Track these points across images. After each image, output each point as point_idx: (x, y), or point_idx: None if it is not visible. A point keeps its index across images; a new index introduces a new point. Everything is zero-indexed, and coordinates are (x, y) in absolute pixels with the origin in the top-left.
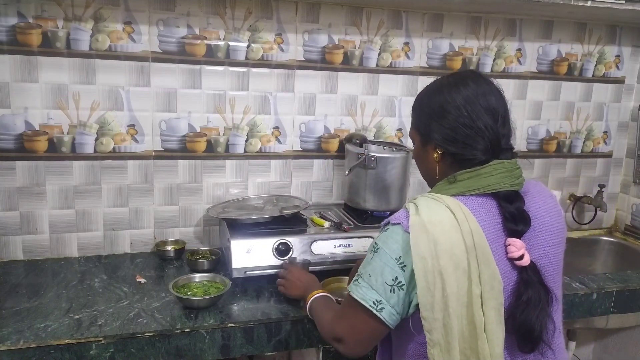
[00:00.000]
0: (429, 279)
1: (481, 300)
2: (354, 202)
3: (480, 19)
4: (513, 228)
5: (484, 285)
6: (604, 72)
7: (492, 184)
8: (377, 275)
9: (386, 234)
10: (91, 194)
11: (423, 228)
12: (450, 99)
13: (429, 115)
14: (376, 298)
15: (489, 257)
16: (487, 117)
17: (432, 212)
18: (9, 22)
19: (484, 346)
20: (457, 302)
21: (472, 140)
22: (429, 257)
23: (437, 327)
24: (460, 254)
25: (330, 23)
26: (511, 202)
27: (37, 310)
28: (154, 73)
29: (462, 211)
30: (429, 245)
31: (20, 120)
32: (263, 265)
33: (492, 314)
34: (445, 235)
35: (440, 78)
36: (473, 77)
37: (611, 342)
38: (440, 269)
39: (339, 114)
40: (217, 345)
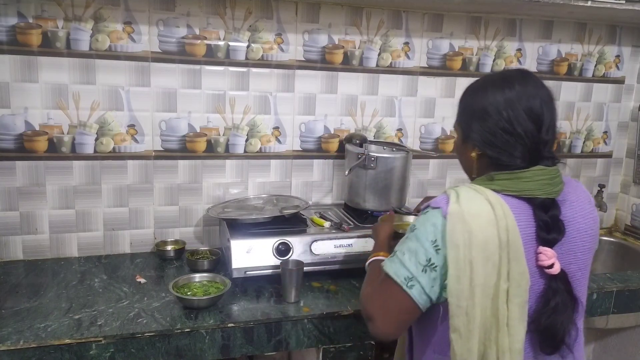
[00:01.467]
0: (459, 267)
1: (507, 295)
2: (354, 202)
3: (480, 19)
4: (545, 237)
5: (512, 281)
6: (604, 72)
7: (531, 189)
8: (412, 255)
9: (425, 216)
10: (91, 194)
11: (461, 218)
12: (493, 100)
13: (471, 114)
14: (407, 275)
15: (521, 256)
16: (529, 122)
17: (472, 203)
18: (9, 22)
19: (504, 339)
20: (482, 294)
21: (511, 146)
22: (462, 247)
23: (460, 314)
24: (492, 248)
25: (330, 23)
26: (547, 210)
27: (37, 310)
28: (154, 73)
29: (502, 208)
30: (464, 235)
31: (20, 120)
32: (263, 265)
33: (515, 310)
34: (481, 228)
35: (488, 75)
36: (520, 79)
37: (611, 342)
38: (471, 259)
39: (339, 114)
40: (217, 345)
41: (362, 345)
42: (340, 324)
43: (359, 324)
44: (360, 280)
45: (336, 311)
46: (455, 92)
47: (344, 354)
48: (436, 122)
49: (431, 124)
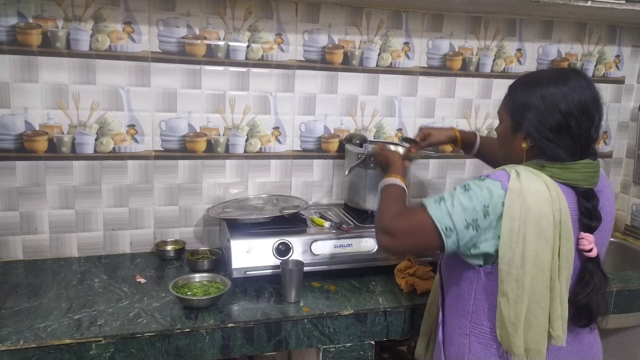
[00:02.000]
0: (512, 238)
1: (559, 270)
2: (354, 202)
3: (480, 19)
4: (588, 223)
5: (562, 258)
6: (604, 72)
7: (578, 179)
8: (462, 210)
9: (483, 182)
10: (91, 194)
11: (520, 193)
12: (550, 94)
13: (526, 106)
14: (449, 226)
15: (570, 235)
16: (585, 120)
17: (531, 183)
18: (9, 22)
19: (557, 307)
20: (533, 265)
21: (564, 140)
22: (518, 220)
23: (510, 280)
24: (546, 226)
25: (330, 23)
26: (589, 199)
27: (37, 310)
28: (154, 73)
29: (556, 190)
30: (521, 210)
31: (20, 120)
32: (263, 265)
33: (564, 283)
34: (537, 205)
35: (542, 70)
36: (575, 76)
37: (611, 342)
38: (525, 232)
39: (339, 114)
40: (217, 345)
41: (362, 345)
42: (340, 324)
43: (359, 324)
44: (360, 280)
45: (336, 311)
46: (455, 92)
47: (344, 354)
48: (436, 122)
49: (431, 124)
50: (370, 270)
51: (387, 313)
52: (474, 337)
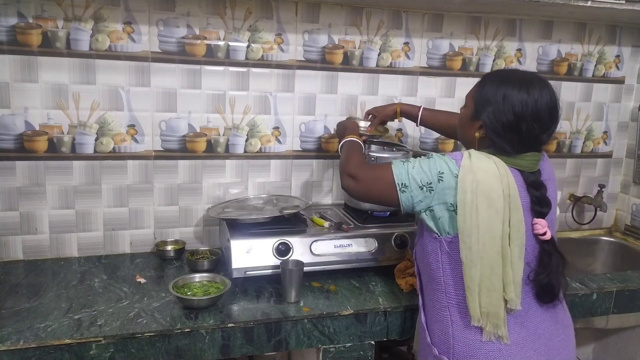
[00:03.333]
0: (466, 209)
1: (509, 238)
2: (353, 202)
3: (480, 19)
4: (539, 210)
5: (512, 227)
6: (604, 72)
7: (523, 165)
8: (419, 173)
9: (443, 156)
10: (91, 194)
11: (471, 170)
12: (511, 96)
13: (488, 100)
14: (405, 182)
15: (519, 207)
16: (536, 126)
17: (480, 161)
18: (9, 22)
19: (509, 272)
20: (485, 233)
21: (512, 138)
22: (469, 192)
23: (464, 247)
24: (496, 198)
25: (330, 23)
26: (537, 189)
27: (37, 310)
28: (154, 73)
29: (505, 169)
30: (472, 184)
31: (20, 120)
32: (263, 265)
33: (516, 250)
34: (487, 180)
35: (516, 71)
36: (539, 86)
37: (611, 342)
38: (477, 203)
39: (339, 114)
40: (217, 345)
41: (362, 345)
42: (340, 324)
43: (359, 324)
44: (360, 280)
45: (336, 311)
46: (455, 92)
47: (344, 354)
48: None
49: None
50: (370, 270)
51: (387, 313)
52: (452, 307)
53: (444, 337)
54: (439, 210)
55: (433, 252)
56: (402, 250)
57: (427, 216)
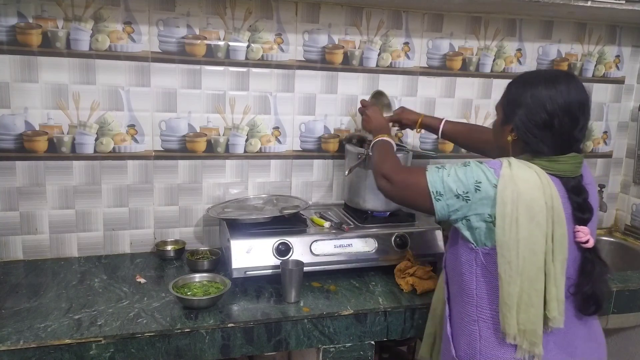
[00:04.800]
0: (505, 221)
1: (552, 254)
2: (353, 202)
3: (480, 19)
4: (581, 217)
5: (555, 242)
6: (604, 72)
7: (565, 170)
8: (455, 181)
9: (481, 165)
10: (91, 194)
11: (511, 180)
12: (539, 95)
13: (517, 103)
14: (440, 191)
15: (562, 220)
16: (568, 121)
17: (522, 171)
18: (9, 22)
19: (552, 289)
20: (526, 247)
21: (547, 137)
22: (510, 204)
23: (503, 262)
24: (538, 210)
25: (330, 23)
26: (578, 194)
27: (37, 310)
28: (154, 73)
29: (547, 179)
30: (513, 195)
31: (20, 120)
32: (263, 265)
33: (559, 266)
34: (528, 191)
35: (539, 71)
36: (566, 81)
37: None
38: (517, 215)
39: (339, 114)
40: (217, 345)
41: (362, 345)
42: (340, 324)
43: (359, 324)
44: (360, 280)
45: (336, 311)
46: (455, 92)
47: (344, 354)
48: None
49: None
50: (370, 270)
51: (387, 313)
52: (482, 322)
53: (470, 351)
54: (475, 220)
55: (467, 262)
56: (402, 250)
57: (463, 226)
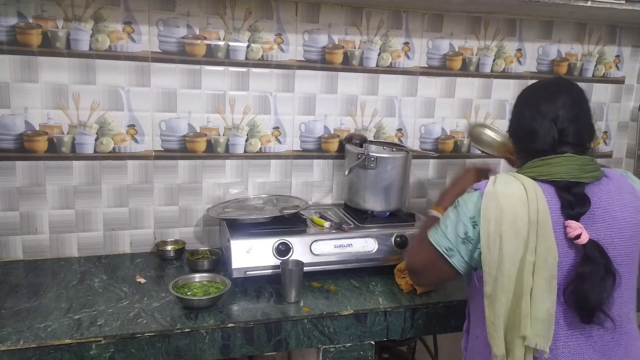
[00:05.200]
0: (490, 240)
1: (533, 267)
2: (354, 202)
3: (480, 19)
4: (569, 213)
5: (538, 256)
6: (604, 72)
7: (560, 172)
8: (453, 227)
9: (468, 195)
10: (91, 194)
11: (494, 197)
12: (522, 100)
13: (512, 110)
14: (448, 246)
15: (549, 234)
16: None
17: (507, 186)
18: (9, 22)
19: (526, 306)
20: (510, 264)
21: (530, 136)
22: (493, 221)
23: (489, 280)
24: (521, 225)
25: (330, 23)
26: (569, 190)
27: (37, 310)
28: (154, 73)
29: (535, 191)
30: (496, 212)
31: (20, 120)
32: (263, 266)
33: (541, 282)
34: (512, 207)
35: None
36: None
37: None
38: (501, 232)
39: (339, 114)
40: (217, 345)
41: (362, 345)
42: (340, 324)
43: (359, 324)
44: (360, 280)
45: (336, 311)
46: (455, 92)
47: (344, 354)
48: (436, 122)
49: (431, 124)
50: (370, 270)
51: (387, 313)
52: (481, 339)
53: None
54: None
55: (469, 286)
56: (402, 250)
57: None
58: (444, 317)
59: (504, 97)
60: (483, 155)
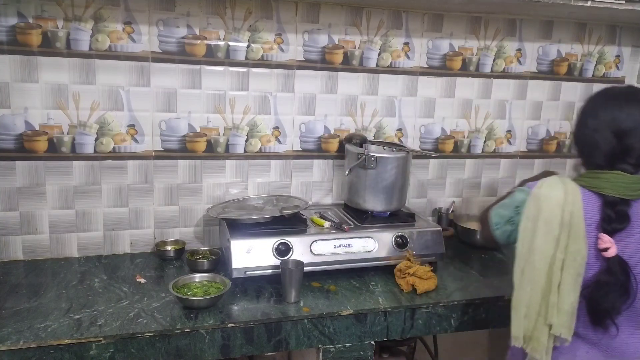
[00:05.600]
0: (525, 234)
1: (562, 264)
2: (353, 202)
3: (480, 19)
4: (605, 227)
5: (568, 254)
6: (604, 72)
7: (606, 188)
8: (503, 210)
9: (521, 190)
10: (91, 194)
11: (537, 198)
12: (585, 111)
13: (577, 119)
14: (497, 222)
15: (580, 237)
16: (609, 134)
17: (550, 190)
18: (9, 22)
19: (554, 298)
20: (538, 257)
21: (590, 149)
22: (531, 219)
23: (517, 270)
24: (554, 225)
25: (330, 23)
26: (614, 206)
27: (37, 310)
28: (154, 73)
29: (574, 197)
30: (534, 212)
31: (20, 120)
32: (263, 265)
33: (568, 278)
34: (548, 209)
35: (607, 87)
36: (625, 98)
37: None
38: (535, 229)
39: (339, 114)
40: (217, 345)
41: (362, 345)
42: (340, 324)
43: (359, 324)
44: (360, 280)
45: (336, 311)
46: (455, 92)
47: (344, 354)
48: (436, 122)
49: (431, 124)
50: (370, 270)
51: (387, 313)
52: None
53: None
54: None
55: None
56: (402, 250)
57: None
58: (444, 317)
59: (504, 97)
60: None
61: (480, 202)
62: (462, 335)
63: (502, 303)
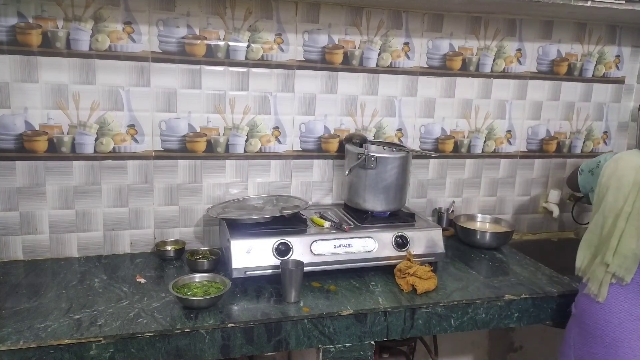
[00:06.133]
0: (600, 189)
1: (628, 217)
2: (353, 202)
3: (480, 19)
4: None
5: (635, 209)
6: (604, 72)
7: None
8: (590, 162)
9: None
10: (91, 194)
11: (615, 161)
12: None
13: None
14: (582, 168)
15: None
16: None
17: (628, 156)
18: (9, 22)
19: (614, 242)
20: (609, 208)
21: None
22: (606, 177)
23: (591, 215)
24: (626, 183)
25: (330, 23)
26: None
27: (37, 310)
28: (154, 73)
29: None
30: (612, 169)
31: (20, 120)
32: (263, 265)
33: (631, 229)
34: (623, 169)
35: None
36: None
37: None
38: (608, 185)
39: (339, 114)
40: (217, 345)
41: (362, 345)
42: (340, 324)
43: (359, 324)
44: (360, 280)
45: (336, 311)
46: (455, 92)
47: (344, 354)
48: (436, 122)
49: (431, 124)
50: (370, 270)
51: (387, 313)
52: None
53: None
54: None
55: None
56: (402, 250)
57: (592, 194)
58: (444, 317)
59: (504, 97)
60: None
61: (481, 202)
62: (462, 335)
63: (502, 303)
